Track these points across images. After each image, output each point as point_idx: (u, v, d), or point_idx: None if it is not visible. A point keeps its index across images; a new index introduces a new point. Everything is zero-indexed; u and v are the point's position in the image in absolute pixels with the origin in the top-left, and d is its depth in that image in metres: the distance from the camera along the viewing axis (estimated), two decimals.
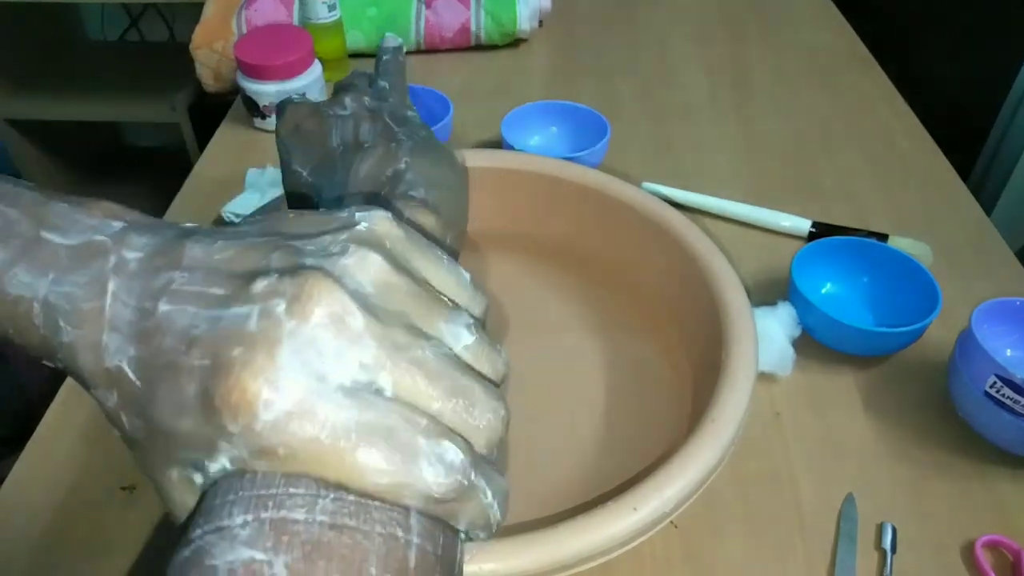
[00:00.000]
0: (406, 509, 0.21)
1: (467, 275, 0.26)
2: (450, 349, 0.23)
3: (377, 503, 0.20)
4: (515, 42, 0.87)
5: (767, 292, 0.54)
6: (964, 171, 0.69)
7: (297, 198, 0.37)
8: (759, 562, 0.41)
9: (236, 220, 0.61)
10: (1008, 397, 0.42)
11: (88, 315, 0.22)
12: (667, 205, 0.50)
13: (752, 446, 0.46)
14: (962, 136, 0.96)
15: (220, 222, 0.62)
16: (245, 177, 0.65)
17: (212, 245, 0.22)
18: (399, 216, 0.30)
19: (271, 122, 0.72)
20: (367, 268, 0.22)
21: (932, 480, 0.45)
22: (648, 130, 0.74)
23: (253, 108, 0.72)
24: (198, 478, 0.21)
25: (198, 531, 0.19)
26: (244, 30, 0.80)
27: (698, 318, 0.45)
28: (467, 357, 0.23)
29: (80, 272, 0.22)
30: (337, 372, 0.20)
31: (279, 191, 0.60)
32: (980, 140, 1.32)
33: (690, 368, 0.47)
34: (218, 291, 0.21)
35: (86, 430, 0.47)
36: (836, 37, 0.90)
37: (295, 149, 0.37)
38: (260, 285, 0.21)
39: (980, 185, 1.34)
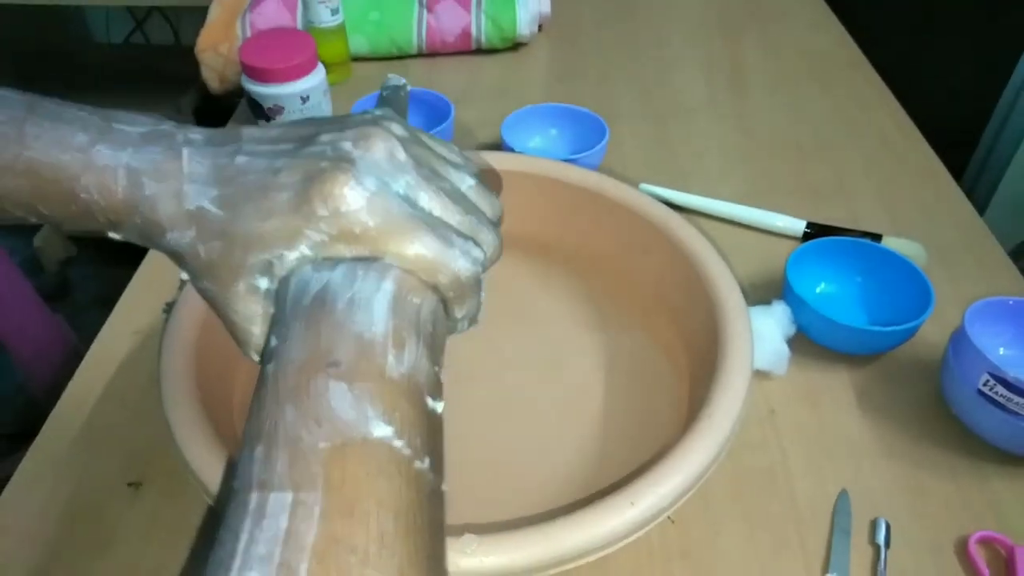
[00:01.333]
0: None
1: (458, 149, 0.33)
2: (459, 189, 0.30)
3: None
4: (515, 46, 0.87)
5: (762, 291, 0.55)
6: (957, 171, 0.69)
7: None
8: (755, 557, 0.41)
9: None
10: (1001, 395, 0.43)
11: (169, 172, 0.28)
12: (664, 206, 0.51)
13: (748, 443, 0.46)
14: (955, 136, 0.96)
15: None
16: None
17: (265, 130, 0.29)
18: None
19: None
20: (392, 137, 0.29)
21: (925, 477, 0.45)
22: (646, 132, 0.74)
23: (258, 111, 0.73)
24: (263, 283, 0.27)
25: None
26: (248, 33, 0.80)
27: (695, 317, 0.46)
28: (471, 196, 0.31)
29: (154, 147, 0.28)
30: (394, 184, 0.27)
31: None
32: (973, 141, 1.32)
33: (687, 366, 0.47)
34: (286, 146, 0.28)
35: (92, 427, 0.48)
36: (831, 39, 0.90)
37: None
38: (325, 136, 0.28)
39: (973, 185, 1.34)
